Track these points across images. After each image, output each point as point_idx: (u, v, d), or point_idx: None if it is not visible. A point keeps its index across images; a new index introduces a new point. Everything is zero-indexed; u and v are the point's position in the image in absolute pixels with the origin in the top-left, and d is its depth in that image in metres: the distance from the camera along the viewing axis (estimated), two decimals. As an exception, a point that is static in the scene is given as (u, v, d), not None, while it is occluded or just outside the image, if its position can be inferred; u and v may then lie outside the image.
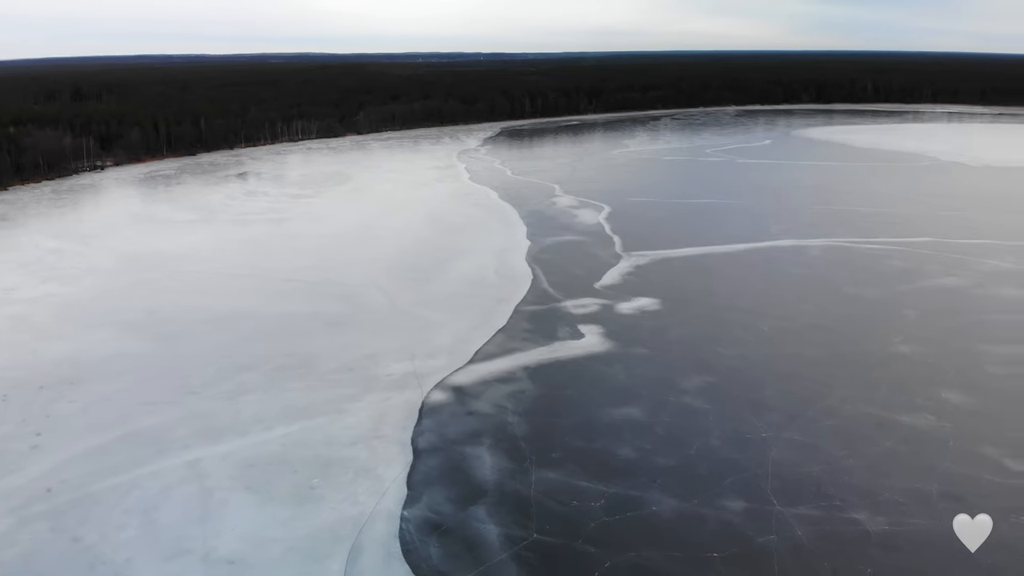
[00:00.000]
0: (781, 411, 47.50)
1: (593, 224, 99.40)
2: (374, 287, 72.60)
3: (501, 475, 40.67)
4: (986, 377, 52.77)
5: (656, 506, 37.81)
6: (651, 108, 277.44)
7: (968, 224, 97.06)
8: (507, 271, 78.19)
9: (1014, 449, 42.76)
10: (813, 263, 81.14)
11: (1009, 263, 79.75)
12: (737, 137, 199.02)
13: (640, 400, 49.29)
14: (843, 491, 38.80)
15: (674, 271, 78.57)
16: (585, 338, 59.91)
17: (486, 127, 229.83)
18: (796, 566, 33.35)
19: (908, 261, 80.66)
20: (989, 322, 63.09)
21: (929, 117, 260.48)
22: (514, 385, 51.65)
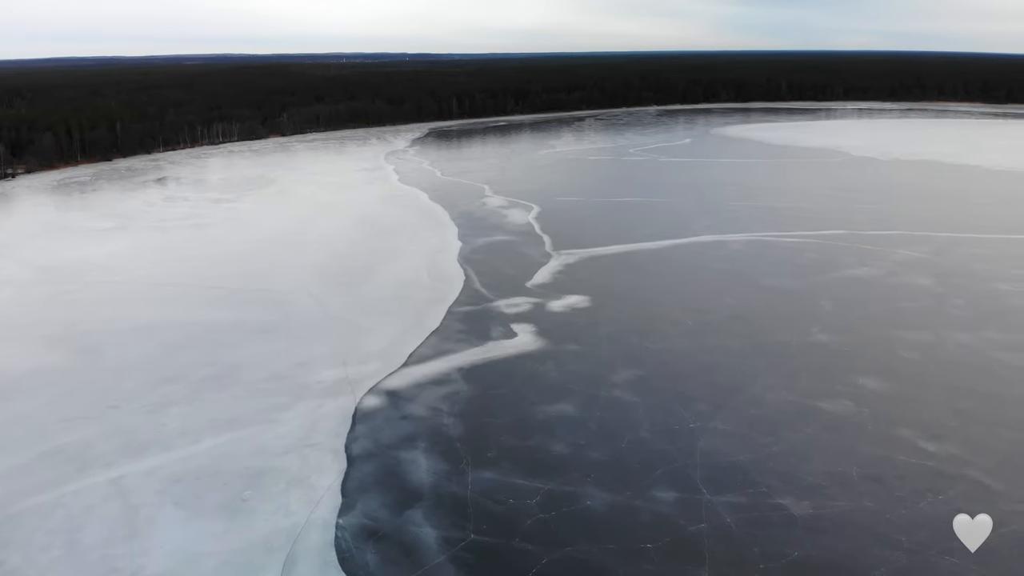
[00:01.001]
0: (707, 402, 48.91)
1: (523, 224, 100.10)
2: (303, 292, 71.47)
3: (437, 477, 40.70)
4: (900, 363, 55.45)
5: (590, 500, 38.48)
6: (576, 109, 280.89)
7: (879, 216, 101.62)
8: (439, 272, 78.07)
9: (927, 431, 45.06)
10: (734, 257, 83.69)
11: (919, 252, 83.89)
12: (659, 136, 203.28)
13: (572, 396, 50.00)
14: (768, 477, 40.24)
15: (602, 268, 79.86)
16: (518, 337, 60.39)
17: (413, 128, 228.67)
18: (726, 552, 34.44)
19: (823, 253, 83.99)
20: (901, 310, 66.28)
21: (841, 114, 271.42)
22: (449, 387, 51.69)
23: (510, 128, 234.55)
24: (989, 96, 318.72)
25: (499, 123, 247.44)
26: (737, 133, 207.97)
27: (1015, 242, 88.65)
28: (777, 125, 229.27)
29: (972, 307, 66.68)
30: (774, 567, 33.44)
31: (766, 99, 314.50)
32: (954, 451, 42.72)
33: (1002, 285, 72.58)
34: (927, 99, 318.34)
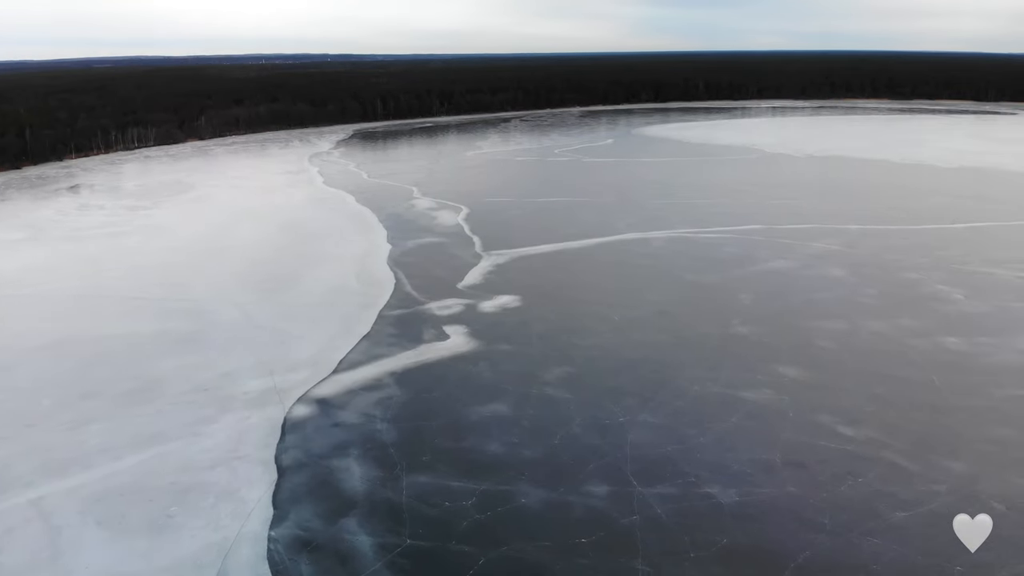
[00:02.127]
0: (636, 395, 49.99)
1: (453, 225, 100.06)
2: (225, 301, 69.76)
3: (371, 484, 40.42)
4: (817, 351, 57.79)
5: (525, 498, 38.87)
6: (501, 110, 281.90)
7: (794, 210, 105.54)
8: (368, 276, 77.36)
9: (845, 416, 47.08)
10: (657, 254, 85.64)
11: (833, 245, 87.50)
12: (583, 137, 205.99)
13: (506, 395, 50.36)
14: (696, 467, 41.42)
15: (532, 268, 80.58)
16: (450, 339, 60.41)
17: (337, 130, 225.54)
18: (657, 543, 35.32)
19: (742, 248, 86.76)
20: (817, 300, 69.05)
21: (756, 112, 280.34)
22: (381, 392, 51.33)
23: (436, 129, 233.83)
24: (895, 92, 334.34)
25: (425, 124, 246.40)
26: (657, 133, 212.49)
27: (922, 232, 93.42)
28: (695, 124, 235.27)
29: (884, 296, 70.00)
30: (704, 555, 34.48)
31: (684, 99, 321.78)
32: (871, 435, 44.77)
33: (911, 274, 76.42)
34: (836, 96, 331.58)
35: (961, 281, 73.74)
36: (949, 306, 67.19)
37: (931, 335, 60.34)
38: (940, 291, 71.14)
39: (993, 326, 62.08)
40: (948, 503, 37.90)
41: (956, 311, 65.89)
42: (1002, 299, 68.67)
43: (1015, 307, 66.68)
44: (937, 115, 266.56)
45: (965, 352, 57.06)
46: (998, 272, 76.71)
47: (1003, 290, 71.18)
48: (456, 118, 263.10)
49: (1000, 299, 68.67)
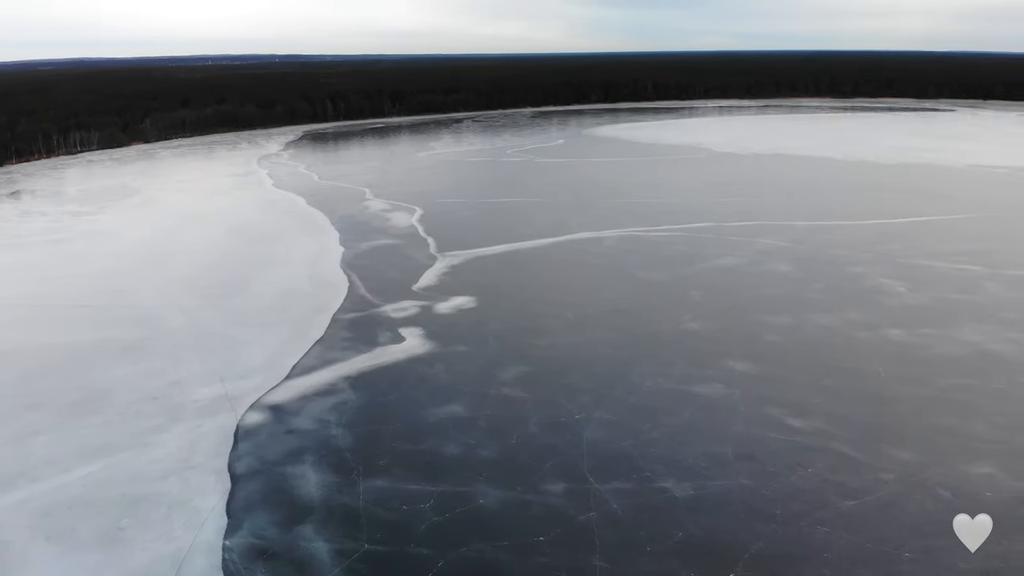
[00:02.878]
0: (591, 393, 50.47)
1: (406, 226, 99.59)
2: (174, 307, 68.35)
3: (327, 490, 40.05)
4: (766, 345, 59.06)
5: (483, 499, 38.96)
6: (453, 111, 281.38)
7: (742, 208, 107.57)
8: (321, 279, 76.56)
9: (794, 408, 48.19)
10: (609, 252, 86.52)
11: (779, 241, 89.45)
12: (535, 137, 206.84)
13: (462, 397, 50.36)
14: (651, 462, 42.01)
15: (487, 268, 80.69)
16: (406, 341, 60.15)
17: (287, 131, 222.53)
18: (614, 538, 35.73)
19: (692, 245, 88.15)
20: (765, 295, 70.54)
21: (703, 112, 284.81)
22: (336, 397, 50.87)
23: (388, 130, 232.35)
24: (837, 91, 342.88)
25: (376, 125, 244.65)
26: (607, 133, 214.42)
27: (865, 227, 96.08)
28: (644, 124, 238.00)
29: (830, 290, 71.84)
30: (660, 548, 35.00)
31: (633, 99, 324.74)
32: (819, 426, 45.92)
33: (856, 268, 78.55)
34: (781, 96, 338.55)
35: (904, 274, 76.07)
36: (892, 299, 69.27)
37: (875, 327, 62.13)
38: (883, 284, 73.29)
39: (935, 318, 64.20)
40: (895, 491, 39.12)
41: (899, 303, 67.97)
42: (943, 291, 71.06)
43: (956, 299, 69.05)
44: (878, 113, 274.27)
45: (908, 343, 58.91)
46: (939, 265, 79.37)
47: (944, 282, 73.65)
48: (408, 119, 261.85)
49: (941, 291, 71.05)
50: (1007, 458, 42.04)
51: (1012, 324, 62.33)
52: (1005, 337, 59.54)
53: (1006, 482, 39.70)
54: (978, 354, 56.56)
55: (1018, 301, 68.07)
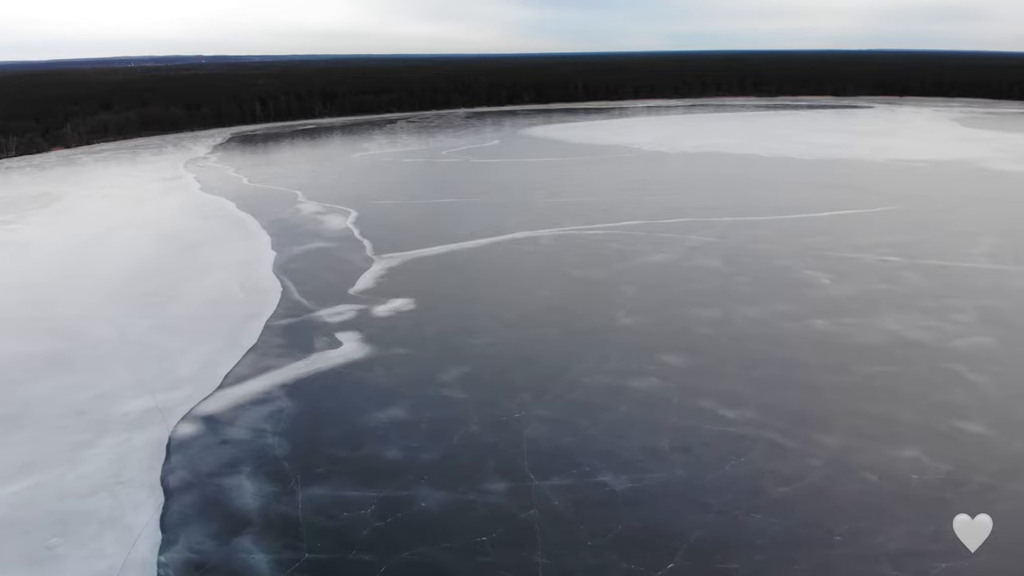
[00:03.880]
0: (531, 390, 50.88)
1: (341, 229, 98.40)
2: (98, 318, 66.05)
3: (265, 500, 39.35)
4: (698, 338, 60.50)
5: (425, 502, 38.88)
6: (386, 111, 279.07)
7: (671, 205, 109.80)
8: (253, 285, 75.02)
9: (727, 400, 49.48)
10: (545, 251, 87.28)
11: (707, 236, 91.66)
12: (470, 138, 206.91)
13: (403, 400, 50.11)
14: (590, 457, 42.61)
15: (424, 270, 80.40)
16: (343, 346, 59.47)
17: (214, 134, 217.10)
18: (556, 534, 36.14)
19: (625, 243, 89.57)
20: (696, 290, 72.23)
21: (633, 112, 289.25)
22: (271, 405, 49.97)
23: (319, 131, 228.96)
24: (761, 90, 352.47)
25: (307, 126, 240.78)
26: (541, 133, 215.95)
27: (788, 222, 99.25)
28: (576, 124, 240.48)
29: (757, 283, 74.01)
30: (601, 542, 35.55)
31: (564, 100, 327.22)
32: (751, 416, 47.29)
33: (780, 261, 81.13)
34: (707, 95, 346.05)
35: (827, 266, 78.92)
36: (817, 290, 71.80)
37: (802, 318, 64.31)
38: (808, 276, 75.91)
39: (858, 308, 66.78)
40: (825, 476, 40.59)
41: (824, 295, 70.49)
42: (866, 282, 73.96)
43: (878, 289, 71.96)
44: (800, 110, 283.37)
45: (833, 333, 61.15)
46: (861, 256, 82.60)
47: (866, 273, 76.66)
48: (340, 119, 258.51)
49: (864, 282, 73.94)
50: (930, 441, 44.02)
51: (931, 312, 65.33)
52: (925, 325, 62.38)
53: (930, 464, 41.53)
54: (900, 342, 59.12)
55: (936, 290, 71.39)
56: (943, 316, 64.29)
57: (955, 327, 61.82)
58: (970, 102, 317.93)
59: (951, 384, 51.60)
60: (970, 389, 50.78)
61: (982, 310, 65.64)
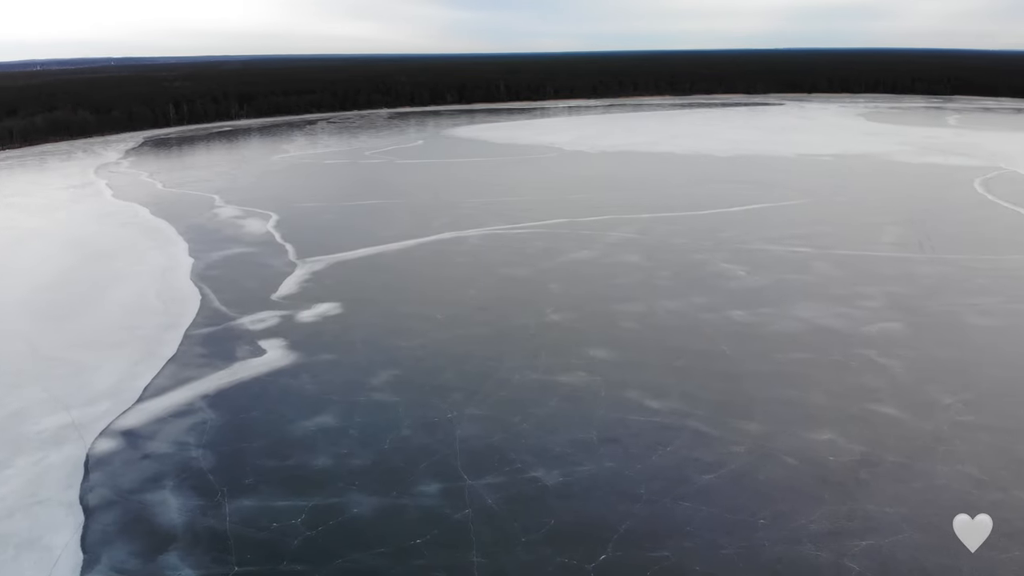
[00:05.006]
0: (462, 390, 51.06)
1: (262, 233, 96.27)
2: (9, 332, 62.97)
3: (191, 515, 38.32)
4: (622, 332, 61.81)
5: (357, 508, 38.58)
6: (306, 112, 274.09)
7: (593, 203, 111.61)
8: (171, 294, 72.71)
9: (651, 391, 50.78)
10: (473, 251, 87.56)
11: (628, 233, 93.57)
12: (393, 139, 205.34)
13: (331, 406, 49.50)
14: (522, 454, 43.09)
15: (350, 273, 79.48)
16: (267, 353, 58.27)
17: (126, 138, 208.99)
18: (490, 533, 36.44)
19: (549, 241, 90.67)
20: (619, 285, 73.72)
21: (553, 112, 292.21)
22: (194, 417, 48.61)
23: (237, 133, 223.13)
24: (676, 89, 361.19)
25: (224, 128, 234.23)
26: (465, 134, 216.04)
27: (704, 217, 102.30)
28: (499, 125, 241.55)
29: (676, 277, 76.06)
30: (534, 538, 36.03)
31: (487, 100, 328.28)
32: (675, 406, 48.66)
33: (698, 255, 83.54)
34: (625, 95, 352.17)
35: (742, 259, 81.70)
36: (733, 282, 74.26)
37: (719, 309, 66.42)
38: (725, 269, 78.43)
39: (773, 297, 69.39)
40: (747, 462, 42.11)
41: (740, 286, 72.96)
42: (779, 273, 76.90)
43: (790, 279, 74.91)
44: (714, 108, 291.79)
45: (750, 323, 63.40)
46: (773, 249, 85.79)
47: (779, 265, 79.70)
48: (258, 121, 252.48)
49: (777, 273, 76.86)
50: (845, 424, 46.17)
51: (842, 300, 68.42)
52: (836, 312, 65.29)
53: (845, 446, 43.58)
54: (813, 329, 61.74)
55: (846, 279, 74.79)
56: (853, 304, 67.46)
57: (865, 314, 64.96)
58: (875, 97, 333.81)
59: (863, 368, 54.25)
60: (881, 373, 53.50)
61: (890, 297, 69.16)
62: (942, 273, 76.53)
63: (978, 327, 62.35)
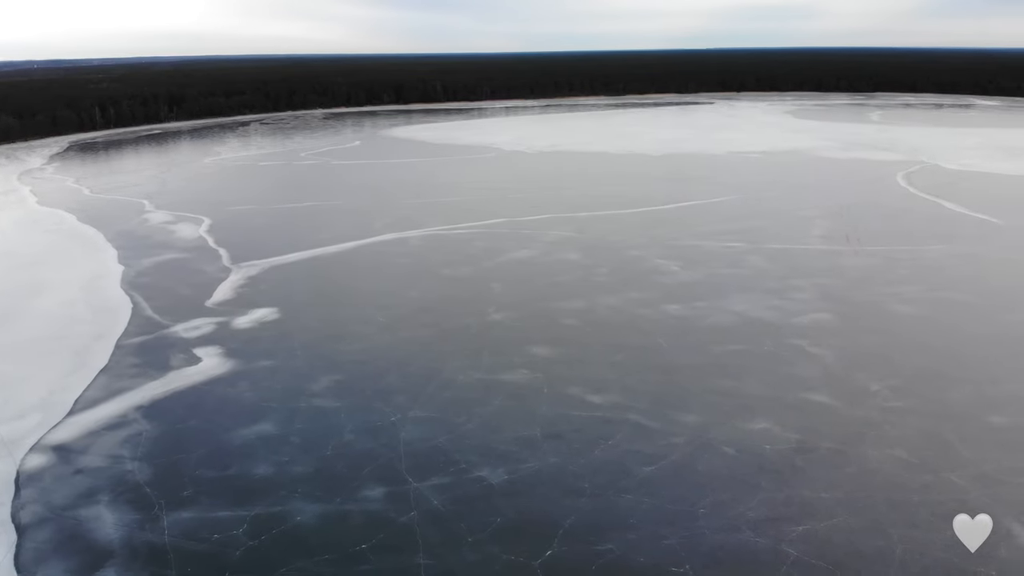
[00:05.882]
0: (406, 393, 50.87)
1: (195, 239, 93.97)
2: (-77, 349, 60.05)
3: (128, 530, 37.28)
4: (563, 329, 62.50)
5: (300, 515, 38.10)
6: (239, 113, 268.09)
7: (532, 203, 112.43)
8: (101, 303, 70.42)
9: (592, 386, 51.51)
10: (414, 252, 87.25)
11: (567, 231, 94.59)
12: (329, 139, 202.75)
13: (271, 413, 48.71)
14: (467, 454, 43.20)
15: (288, 277, 78.25)
16: (203, 362, 56.96)
17: (50, 143, 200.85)
18: (436, 534, 36.44)
19: (490, 241, 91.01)
20: (559, 283, 74.51)
21: (491, 112, 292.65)
22: (128, 429, 47.22)
23: (167, 136, 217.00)
24: (611, 89, 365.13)
25: (153, 131, 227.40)
26: (402, 134, 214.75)
27: (640, 214, 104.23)
28: (437, 125, 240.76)
29: (614, 273, 77.27)
30: (481, 537, 36.19)
31: (424, 100, 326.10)
32: (616, 400, 49.48)
33: (634, 252, 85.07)
34: (560, 95, 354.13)
35: (676, 255, 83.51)
36: (668, 277, 75.85)
37: (656, 304, 67.78)
38: (660, 265, 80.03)
39: (707, 292, 71.11)
40: (686, 453, 43.09)
41: (674, 281, 74.57)
42: (711, 267, 78.83)
43: (723, 273, 76.86)
44: (647, 108, 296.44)
45: (685, 316, 64.89)
46: (705, 244, 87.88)
47: (711, 259, 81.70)
48: (189, 123, 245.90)
49: (709, 268, 78.79)
50: (779, 413, 47.65)
51: (773, 292, 70.54)
52: (768, 305, 67.29)
53: (781, 434, 44.98)
54: (747, 321, 63.52)
55: (777, 272, 77.13)
56: (784, 296, 69.65)
57: (796, 305, 67.14)
58: (802, 95, 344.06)
59: (796, 358, 56.09)
60: (813, 362, 55.40)
61: (819, 288, 71.63)
62: (868, 264, 79.61)
63: (902, 315, 65.12)
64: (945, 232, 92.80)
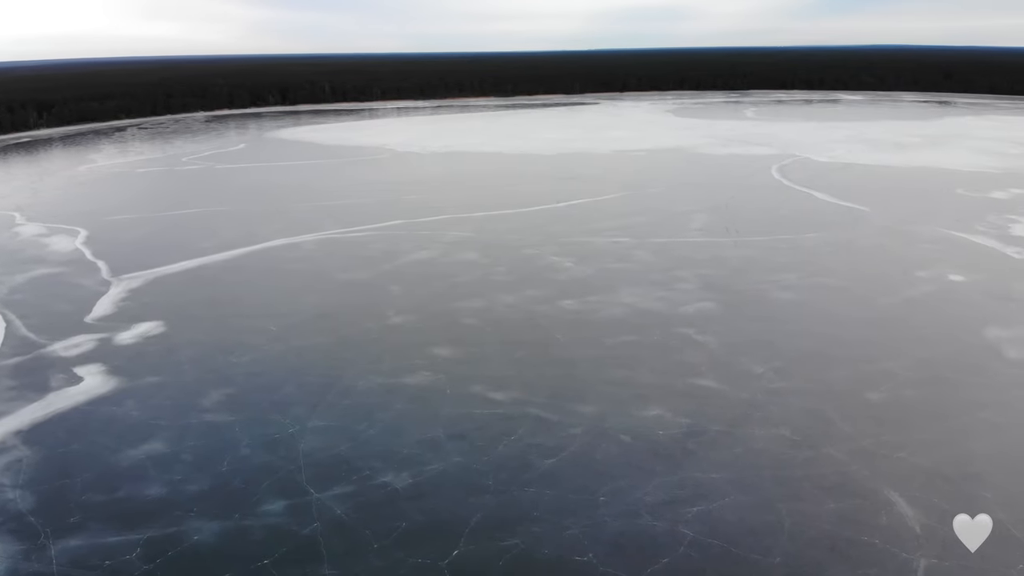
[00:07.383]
0: (304, 403, 49.95)
1: (70, 251, 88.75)
2: None
3: (12, 561, 35.07)
4: (464, 329, 62.94)
5: (197, 535, 36.88)
6: (114, 119, 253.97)
7: (429, 204, 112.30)
8: (-35, 326, 65.57)
9: (493, 383, 52.15)
10: (308, 258, 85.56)
11: (464, 232, 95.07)
12: (212, 143, 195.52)
13: (161, 432, 46.78)
14: (369, 460, 42.93)
15: (173, 288, 75.15)
16: (85, 381, 54.02)
17: None
18: (341, 543, 36.08)
19: (388, 243, 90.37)
20: (458, 283, 74.89)
21: (382, 113, 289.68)
22: (7, 455, 44.28)
23: (37, 144, 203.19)
24: (500, 90, 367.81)
25: (21, 139, 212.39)
26: (290, 136, 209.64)
27: (533, 213, 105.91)
28: (327, 126, 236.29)
29: (511, 272, 78.37)
30: (386, 543, 36.09)
31: (311, 101, 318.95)
32: (516, 395, 50.31)
33: (529, 250, 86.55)
34: (451, 96, 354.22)
35: (569, 251, 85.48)
36: (562, 273, 77.60)
37: (552, 300, 69.27)
38: (554, 262, 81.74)
39: (599, 285, 73.20)
40: (585, 443, 44.32)
41: (568, 277, 76.36)
42: (603, 262, 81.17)
43: (614, 268, 79.27)
44: (535, 109, 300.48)
45: (580, 310, 66.60)
46: (596, 240, 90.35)
47: (602, 255, 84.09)
48: (60, 130, 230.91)
49: (601, 263, 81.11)
50: (671, 399, 49.69)
51: (660, 284, 73.35)
52: (656, 296, 69.94)
53: (672, 420, 46.88)
54: (637, 313, 65.84)
55: (662, 264, 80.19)
56: (670, 287, 72.59)
57: (682, 296, 70.10)
58: (681, 94, 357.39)
59: (684, 346, 58.62)
60: (699, 349, 58.05)
61: (702, 279, 74.99)
62: (747, 255, 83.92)
63: (781, 301, 69.10)
64: (818, 221, 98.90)
